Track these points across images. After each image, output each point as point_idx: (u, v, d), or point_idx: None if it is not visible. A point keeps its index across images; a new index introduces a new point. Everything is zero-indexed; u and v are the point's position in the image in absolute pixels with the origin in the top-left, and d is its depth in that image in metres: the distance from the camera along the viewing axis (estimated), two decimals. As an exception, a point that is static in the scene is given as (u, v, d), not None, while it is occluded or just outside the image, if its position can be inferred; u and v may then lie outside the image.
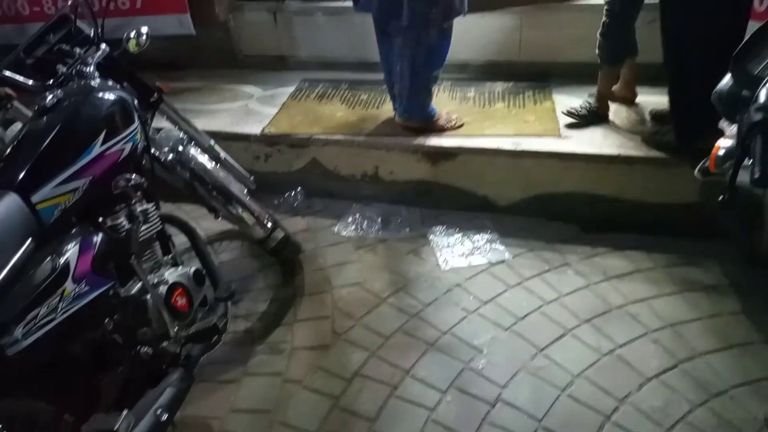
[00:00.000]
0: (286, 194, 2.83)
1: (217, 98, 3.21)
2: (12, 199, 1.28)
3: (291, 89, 3.26)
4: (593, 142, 2.51)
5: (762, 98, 1.21)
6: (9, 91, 2.08)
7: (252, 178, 2.31)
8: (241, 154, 2.65)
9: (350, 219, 2.69)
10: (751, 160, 1.22)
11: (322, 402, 1.86)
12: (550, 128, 2.64)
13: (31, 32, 1.76)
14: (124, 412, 1.23)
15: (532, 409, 1.78)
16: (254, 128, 2.88)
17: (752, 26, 2.35)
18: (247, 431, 1.79)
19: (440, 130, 2.70)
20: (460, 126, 2.73)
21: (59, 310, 1.26)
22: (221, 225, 2.37)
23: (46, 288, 1.24)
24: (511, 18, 3.10)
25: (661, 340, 1.97)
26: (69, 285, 1.29)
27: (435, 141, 2.65)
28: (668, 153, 2.37)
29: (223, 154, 2.20)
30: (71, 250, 1.34)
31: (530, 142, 2.55)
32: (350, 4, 2.96)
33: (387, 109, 2.92)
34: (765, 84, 1.24)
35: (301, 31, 3.43)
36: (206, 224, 2.39)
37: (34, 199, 1.31)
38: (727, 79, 1.58)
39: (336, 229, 2.65)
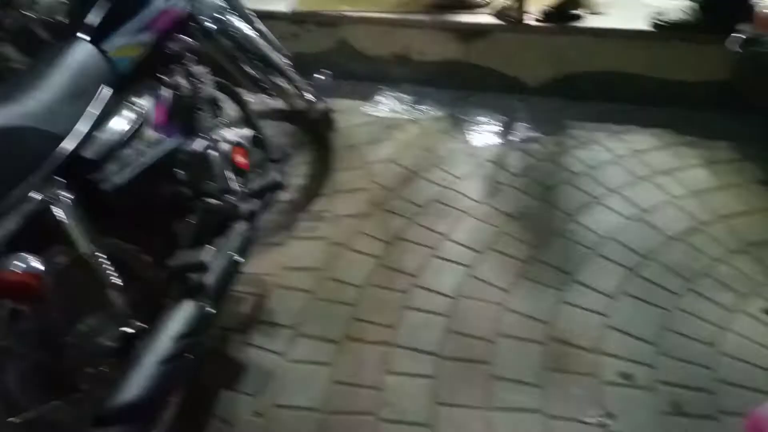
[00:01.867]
0: (314, 75, 2.83)
1: (239, -23, 3.12)
2: (87, 46, 1.32)
3: (314, -32, 3.17)
4: (627, 18, 2.49)
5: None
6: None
7: (288, 53, 2.31)
8: (267, 35, 2.64)
9: (380, 99, 2.72)
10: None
11: (366, 261, 2.00)
12: (585, 3, 2.60)
13: None
14: (208, 248, 1.34)
15: (563, 266, 1.92)
16: (281, 6, 2.84)
17: None
18: (299, 285, 1.94)
19: (467, 6, 2.66)
20: (486, 4, 2.69)
21: (144, 153, 1.34)
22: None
23: (132, 131, 1.31)
24: None
25: (684, 206, 2.08)
26: (150, 131, 1.36)
27: (468, 18, 2.63)
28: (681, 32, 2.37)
29: (262, 27, 2.19)
30: (149, 100, 1.39)
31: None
32: None
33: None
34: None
35: None
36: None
37: (107, 47, 1.35)
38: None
39: (366, 109, 2.70)
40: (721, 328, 1.70)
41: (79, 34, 1.33)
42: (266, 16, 2.80)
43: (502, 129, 2.51)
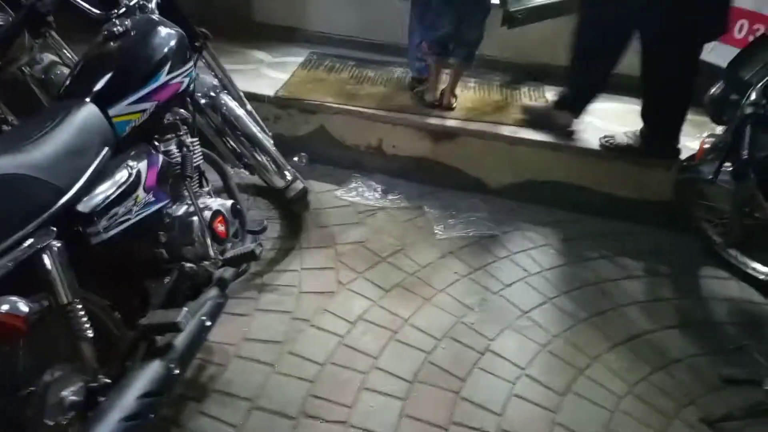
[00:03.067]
0: (293, 157, 2.97)
1: (229, 59, 3.28)
2: (92, 109, 1.41)
3: (300, 59, 3.40)
4: (583, 137, 2.76)
5: (753, 97, 1.46)
6: (50, 19, 2.15)
7: (270, 134, 2.45)
8: (251, 114, 2.78)
9: (353, 185, 2.86)
10: (737, 151, 1.47)
11: (328, 339, 2.04)
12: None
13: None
14: (184, 309, 1.37)
15: (516, 359, 2.01)
16: (267, 90, 3.01)
17: (728, 50, 2.69)
18: (260, 358, 1.95)
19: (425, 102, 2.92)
20: (449, 108, 2.92)
21: (133, 212, 1.39)
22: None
23: (125, 191, 1.37)
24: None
25: (628, 313, 2.24)
26: (141, 192, 1.43)
27: (439, 121, 2.86)
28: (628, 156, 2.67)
29: (249, 106, 2.33)
30: (142, 163, 1.47)
31: (525, 132, 2.79)
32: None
33: (393, 87, 3.12)
34: (754, 87, 1.50)
35: (315, 5, 3.58)
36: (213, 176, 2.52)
37: (111, 112, 1.44)
38: (718, 85, 1.85)
39: (338, 193, 2.82)
40: (659, 432, 1.79)
41: (83, 97, 1.42)
42: (253, 98, 2.97)
43: (464, 224, 2.66)
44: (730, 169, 1.69)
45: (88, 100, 1.43)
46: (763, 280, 2.26)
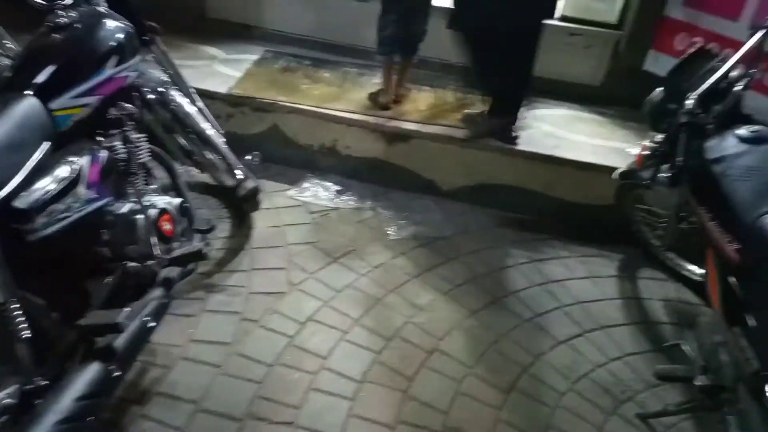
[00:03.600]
0: (245, 156, 2.93)
1: (181, 55, 3.22)
2: (33, 102, 1.36)
3: (255, 57, 3.37)
4: (532, 141, 2.84)
5: (688, 106, 1.54)
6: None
7: (222, 131, 2.41)
8: (203, 111, 2.74)
9: (305, 185, 2.85)
10: (672, 163, 1.55)
11: (277, 339, 2.03)
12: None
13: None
14: (126, 309, 1.34)
15: (463, 358, 2.05)
16: (220, 87, 2.97)
17: (668, 60, 2.82)
18: (206, 359, 1.92)
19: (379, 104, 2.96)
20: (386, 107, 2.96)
21: (73, 209, 1.35)
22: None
23: (65, 187, 1.33)
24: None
25: (571, 313, 2.31)
26: (82, 189, 1.39)
27: (394, 122, 2.88)
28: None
29: (200, 103, 2.29)
30: (84, 159, 1.43)
31: (478, 136, 2.85)
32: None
33: (348, 88, 3.12)
34: (690, 96, 1.57)
35: (270, 4, 3.55)
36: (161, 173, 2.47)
37: (53, 105, 1.39)
38: (657, 92, 1.94)
39: (291, 193, 2.81)
40: (598, 429, 1.86)
41: (24, 90, 1.37)
42: (205, 95, 2.92)
43: (415, 225, 2.69)
44: (667, 175, 1.77)
45: (29, 93, 1.38)
46: (698, 281, 2.37)
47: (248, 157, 2.69)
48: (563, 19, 3.32)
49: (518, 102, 2.86)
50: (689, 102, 1.54)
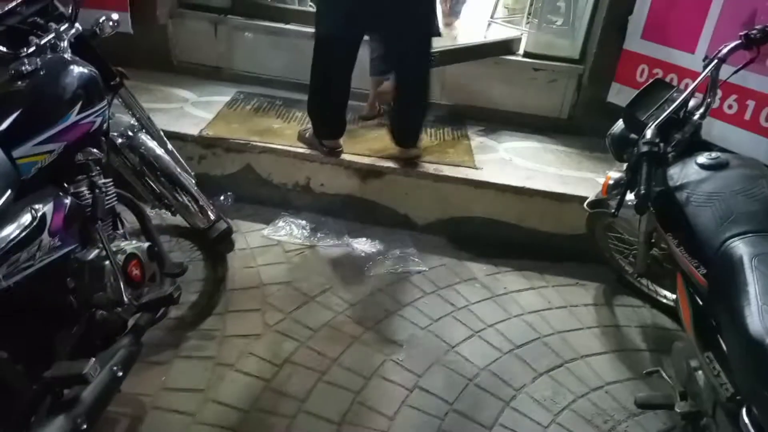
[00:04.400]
0: (217, 197, 2.92)
1: (151, 98, 3.24)
2: (-6, 150, 1.33)
3: (226, 99, 3.38)
4: (503, 173, 2.88)
5: (648, 135, 1.58)
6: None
7: (193, 173, 2.40)
8: (175, 154, 2.72)
9: (280, 224, 2.84)
10: (636, 191, 1.57)
11: (254, 383, 1.97)
12: (467, 159, 2.99)
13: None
14: (92, 360, 1.30)
15: (444, 395, 2.02)
16: (191, 129, 2.96)
17: (630, 92, 2.91)
18: (179, 408, 1.85)
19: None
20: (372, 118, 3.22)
21: (36, 258, 1.31)
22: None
23: (27, 235, 1.30)
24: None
25: (550, 343, 2.31)
26: (45, 237, 1.35)
27: (366, 159, 2.90)
28: None
29: (170, 146, 2.28)
30: (48, 206, 1.40)
31: (449, 170, 2.88)
32: (291, 26, 3.22)
33: (320, 128, 3.14)
34: (649, 126, 1.62)
35: (240, 45, 3.59)
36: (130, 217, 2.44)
37: (15, 153, 1.37)
38: (618, 125, 2.00)
39: (266, 232, 2.79)
40: (583, 460, 1.84)
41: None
42: (176, 137, 2.93)
43: (393, 260, 2.68)
44: (632, 203, 1.80)
45: None
46: (672, 307, 2.40)
47: (221, 198, 2.68)
48: (526, 55, 3.43)
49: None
50: (649, 132, 1.58)
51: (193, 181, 2.30)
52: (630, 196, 1.86)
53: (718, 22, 2.63)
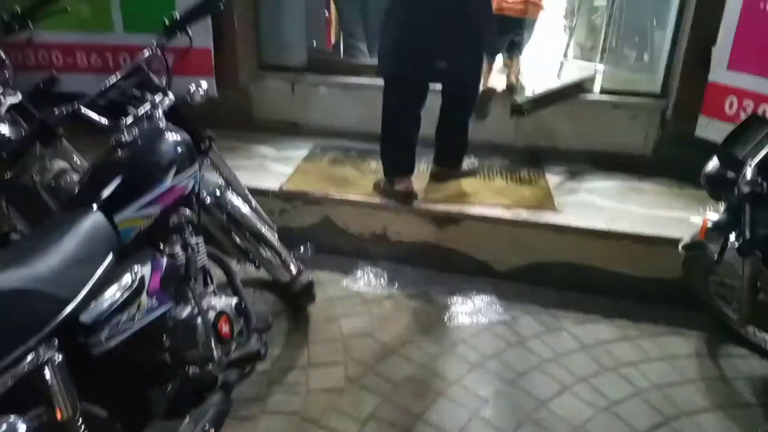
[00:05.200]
0: (297, 249, 2.98)
1: (234, 156, 3.39)
2: (99, 217, 1.42)
3: (304, 153, 3.50)
4: (586, 216, 2.77)
5: (749, 175, 1.47)
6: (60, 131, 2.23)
7: (275, 227, 2.47)
8: (257, 207, 2.82)
9: (358, 274, 2.85)
10: (739, 229, 1.47)
11: (338, 440, 1.95)
12: (546, 202, 2.91)
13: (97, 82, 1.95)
14: (187, 419, 1.32)
15: (537, 456, 1.91)
16: (272, 184, 3.07)
17: (718, 125, 2.77)
18: (266, 464, 1.85)
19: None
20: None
21: (136, 319, 1.37)
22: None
23: (128, 298, 1.36)
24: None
25: (650, 399, 2.14)
26: (144, 298, 1.42)
27: (441, 207, 2.88)
28: None
29: (254, 202, 2.36)
30: (146, 268, 1.47)
31: (528, 213, 2.81)
32: (363, 80, 3.29)
33: (395, 177, 3.18)
34: (750, 164, 1.51)
35: (315, 100, 3.73)
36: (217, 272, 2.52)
37: (117, 218, 1.45)
38: (713, 163, 1.88)
39: (345, 283, 2.80)
40: None
41: (91, 205, 1.44)
42: (258, 193, 3.02)
43: (473, 310, 2.62)
44: (736, 246, 1.68)
45: (95, 207, 1.45)
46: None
47: (301, 249, 2.74)
48: (603, 91, 3.34)
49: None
50: (749, 171, 1.48)
51: (276, 235, 2.36)
52: (732, 238, 1.74)
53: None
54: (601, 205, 2.90)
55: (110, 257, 1.39)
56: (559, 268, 2.77)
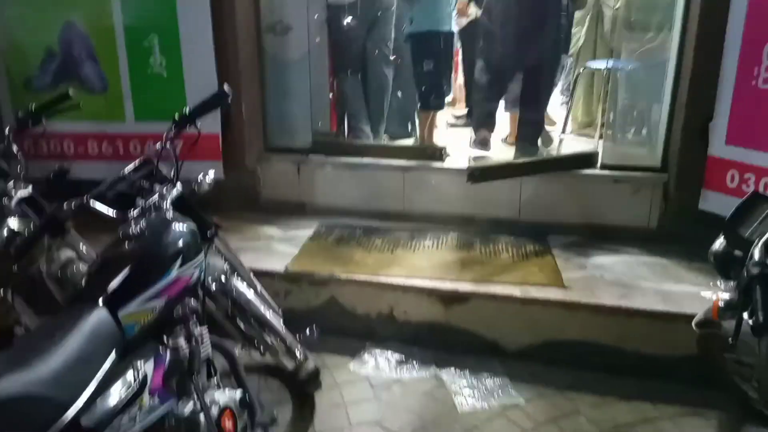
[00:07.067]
0: (303, 332, 2.93)
1: (241, 237, 3.42)
2: (102, 313, 1.41)
3: (310, 232, 3.52)
4: (596, 292, 2.73)
5: (756, 256, 1.46)
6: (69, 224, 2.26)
7: (280, 311, 2.44)
8: (262, 290, 2.81)
9: (366, 357, 2.79)
10: (752, 309, 1.44)
11: None
12: (554, 278, 2.88)
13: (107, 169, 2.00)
14: None
15: None
16: (277, 266, 3.07)
17: (721, 198, 2.79)
18: None
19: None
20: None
21: (137, 421, 1.33)
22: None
23: (130, 398, 1.33)
24: (513, 179, 3.48)
25: (677, 489, 2.03)
26: (146, 397, 1.38)
27: (448, 285, 2.86)
28: None
29: (259, 287, 2.35)
30: (149, 363, 1.44)
31: (537, 291, 2.78)
32: (367, 159, 3.37)
33: (399, 254, 3.18)
34: (756, 244, 1.50)
35: (321, 181, 3.79)
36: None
37: (121, 314, 1.44)
38: (720, 241, 1.87)
39: (352, 367, 2.74)
40: None
41: (96, 300, 1.43)
42: (264, 274, 3.02)
43: (485, 393, 2.53)
44: (750, 325, 1.64)
45: (100, 302, 1.44)
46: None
47: (307, 332, 2.69)
48: (604, 167, 3.39)
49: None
50: (757, 252, 1.47)
51: (281, 320, 2.32)
52: (746, 316, 1.70)
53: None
54: (609, 280, 2.87)
55: (113, 355, 1.37)
56: (572, 347, 2.70)
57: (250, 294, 2.21)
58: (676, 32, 3.15)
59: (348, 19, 4.02)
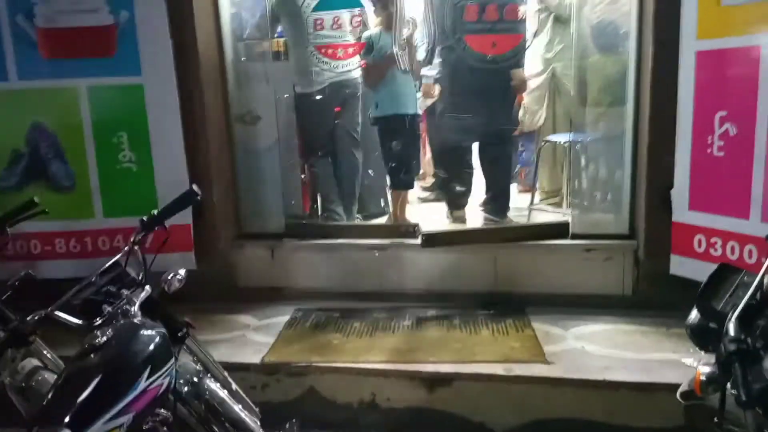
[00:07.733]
0: (282, 426, 2.81)
1: (214, 329, 3.32)
2: (65, 439, 1.33)
3: (286, 318, 3.44)
4: (578, 366, 2.70)
5: (731, 331, 1.45)
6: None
7: (257, 409, 2.34)
8: (238, 384, 2.69)
9: (349, 451, 2.67)
10: (734, 385, 1.42)
11: None
12: (536, 353, 2.85)
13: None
14: None
15: None
16: (253, 358, 2.97)
17: (691, 263, 2.83)
18: None
19: None
20: None
21: None
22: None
23: None
24: (488, 252, 3.50)
25: None
26: None
27: (430, 368, 2.79)
28: None
29: (234, 385, 2.26)
30: (114, 491, 1.35)
31: (520, 368, 2.73)
32: (341, 240, 3.38)
33: (379, 336, 3.12)
34: (730, 318, 1.50)
35: (295, 264, 3.76)
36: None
37: (85, 436, 1.36)
38: (694, 314, 1.87)
39: (335, 462, 2.62)
40: None
41: (60, 422, 1.36)
42: (239, 368, 2.92)
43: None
44: (734, 397, 1.61)
45: (65, 422, 1.36)
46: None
47: (287, 427, 2.58)
48: (574, 236, 3.44)
49: None
50: (731, 327, 1.47)
51: (258, 421, 2.23)
52: (729, 387, 1.68)
53: (766, 183, 2.59)
54: (590, 352, 2.84)
55: (74, 483, 1.28)
56: (559, 425, 2.63)
57: (224, 394, 2.13)
58: (629, 104, 3.29)
59: (315, 107, 4.13)
